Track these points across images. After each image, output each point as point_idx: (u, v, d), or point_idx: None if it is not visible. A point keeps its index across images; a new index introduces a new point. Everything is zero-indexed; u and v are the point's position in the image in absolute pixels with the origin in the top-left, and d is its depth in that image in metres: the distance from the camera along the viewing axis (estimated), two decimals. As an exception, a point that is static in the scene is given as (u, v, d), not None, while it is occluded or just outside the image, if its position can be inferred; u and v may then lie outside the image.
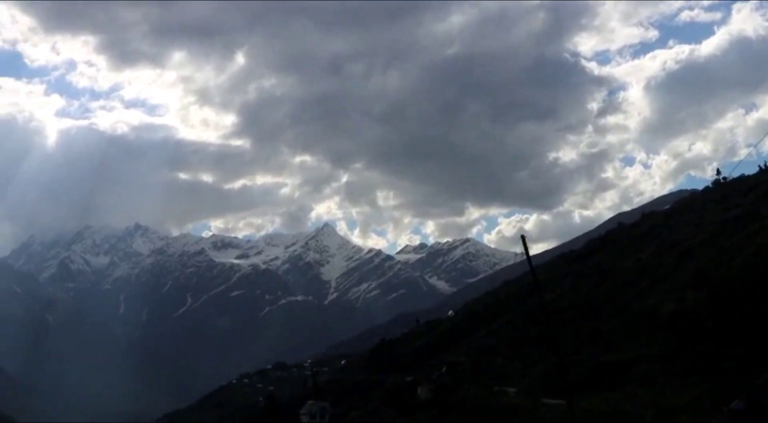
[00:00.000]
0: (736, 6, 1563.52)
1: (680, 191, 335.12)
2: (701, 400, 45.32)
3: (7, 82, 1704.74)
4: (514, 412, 62.53)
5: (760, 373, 46.63)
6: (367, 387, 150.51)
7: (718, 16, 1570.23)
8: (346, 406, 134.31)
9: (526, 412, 60.95)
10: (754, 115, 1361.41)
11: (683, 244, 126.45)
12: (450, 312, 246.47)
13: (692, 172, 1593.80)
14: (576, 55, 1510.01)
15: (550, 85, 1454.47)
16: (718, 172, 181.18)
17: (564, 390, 45.10)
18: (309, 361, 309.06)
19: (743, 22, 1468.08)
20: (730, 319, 58.12)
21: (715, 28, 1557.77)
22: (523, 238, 48.87)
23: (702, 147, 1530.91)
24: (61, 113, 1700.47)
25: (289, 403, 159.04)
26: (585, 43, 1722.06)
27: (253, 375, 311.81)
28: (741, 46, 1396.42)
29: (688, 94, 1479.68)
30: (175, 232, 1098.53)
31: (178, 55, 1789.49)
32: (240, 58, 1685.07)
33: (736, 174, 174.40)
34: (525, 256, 47.84)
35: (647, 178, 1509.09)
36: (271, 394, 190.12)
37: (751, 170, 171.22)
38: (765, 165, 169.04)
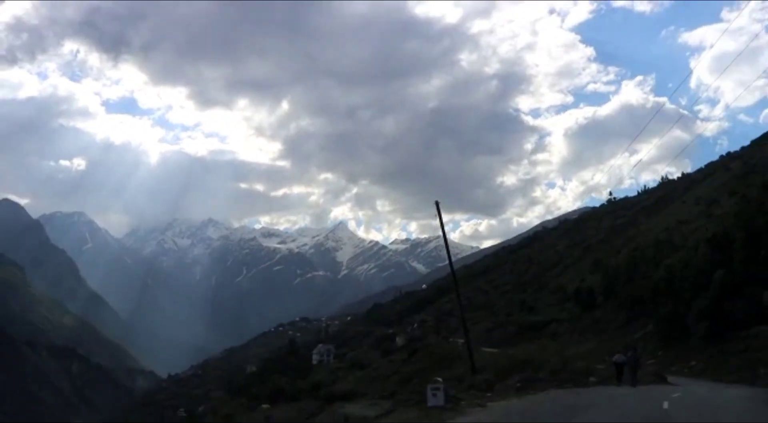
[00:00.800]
0: (624, 82, 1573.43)
1: (585, 207, 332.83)
2: (592, 351, 44.37)
3: (126, 118, 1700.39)
4: (458, 354, 61.30)
5: (635, 332, 45.71)
6: (363, 336, 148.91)
7: (613, 88, 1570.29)
8: (347, 348, 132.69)
9: (466, 355, 59.83)
10: (635, 157, 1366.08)
11: (586, 241, 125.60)
12: (423, 286, 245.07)
13: (594, 194, 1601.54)
14: (518, 110, 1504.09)
15: (499, 131, 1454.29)
16: (610, 193, 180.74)
17: (467, 342, 43.14)
18: (325, 317, 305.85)
19: (629, 93, 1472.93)
20: (616, 294, 57.17)
21: (611, 96, 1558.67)
22: (437, 203, 40.58)
23: (600, 177, 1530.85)
24: (162, 140, 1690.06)
25: (308, 345, 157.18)
26: (524, 103, 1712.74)
27: (286, 325, 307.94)
28: (627, 109, 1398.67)
29: (591, 140, 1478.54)
30: (236, 225, 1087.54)
31: (242, 102, 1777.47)
32: (285, 105, 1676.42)
33: (621, 196, 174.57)
34: (479, 249, 46.10)
35: (564, 197, 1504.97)
36: (293, 339, 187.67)
37: (633, 193, 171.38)
38: (642, 190, 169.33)
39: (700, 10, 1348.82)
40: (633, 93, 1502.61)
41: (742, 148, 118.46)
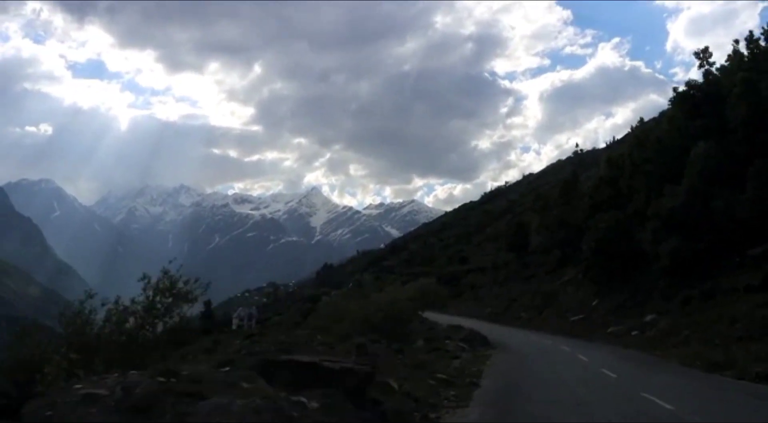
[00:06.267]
0: (601, 45, 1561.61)
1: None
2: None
3: (94, 82, 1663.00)
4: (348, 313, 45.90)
5: (564, 276, 30.21)
6: (300, 298, 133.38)
7: (589, 51, 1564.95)
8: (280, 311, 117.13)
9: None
10: (611, 120, 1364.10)
11: (539, 189, 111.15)
12: (382, 245, 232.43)
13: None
14: (493, 74, 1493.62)
15: (474, 94, 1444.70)
16: (576, 145, 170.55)
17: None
18: (293, 281, 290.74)
19: (605, 56, 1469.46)
20: (548, 228, 41.85)
21: (587, 59, 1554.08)
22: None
23: (575, 140, 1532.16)
24: (131, 105, 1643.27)
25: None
26: (499, 66, 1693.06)
27: (252, 290, 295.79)
28: (603, 72, 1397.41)
29: (567, 104, 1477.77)
30: (209, 191, 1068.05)
31: (213, 65, 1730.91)
32: (257, 68, 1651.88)
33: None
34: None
35: (538, 161, 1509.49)
36: (208, 301, 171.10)
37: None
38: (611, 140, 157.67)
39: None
40: (609, 56, 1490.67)
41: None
